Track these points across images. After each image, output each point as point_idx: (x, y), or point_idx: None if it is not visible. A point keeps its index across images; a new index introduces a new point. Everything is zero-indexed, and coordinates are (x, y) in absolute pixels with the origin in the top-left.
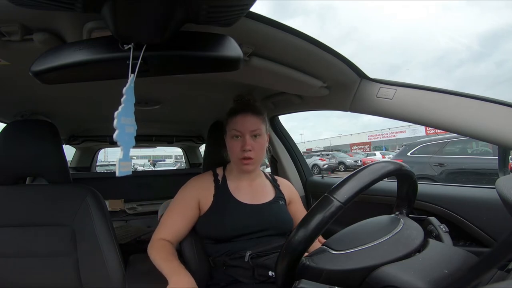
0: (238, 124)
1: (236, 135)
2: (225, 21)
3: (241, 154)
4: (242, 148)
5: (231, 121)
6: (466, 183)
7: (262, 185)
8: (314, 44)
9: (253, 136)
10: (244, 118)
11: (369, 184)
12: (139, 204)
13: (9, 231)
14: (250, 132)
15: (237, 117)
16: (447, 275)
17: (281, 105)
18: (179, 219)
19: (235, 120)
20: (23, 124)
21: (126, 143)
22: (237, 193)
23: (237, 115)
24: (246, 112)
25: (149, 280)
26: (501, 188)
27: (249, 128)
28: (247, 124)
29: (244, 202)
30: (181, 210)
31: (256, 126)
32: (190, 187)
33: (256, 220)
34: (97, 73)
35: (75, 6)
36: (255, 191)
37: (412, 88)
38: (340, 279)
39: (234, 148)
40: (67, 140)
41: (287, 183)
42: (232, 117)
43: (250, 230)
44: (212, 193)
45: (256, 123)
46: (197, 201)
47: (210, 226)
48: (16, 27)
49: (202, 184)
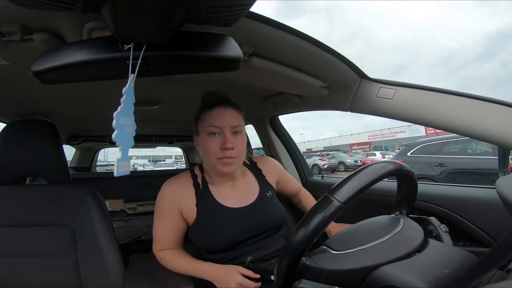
0: (216, 119)
1: (214, 131)
2: (225, 21)
3: (221, 153)
4: (222, 147)
5: (207, 116)
6: (466, 183)
7: (246, 183)
8: (314, 44)
9: (234, 133)
10: (224, 112)
11: (369, 184)
12: (139, 204)
13: (9, 231)
14: (231, 128)
15: (215, 111)
16: (447, 275)
17: (281, 105)
18: (169, 230)
19: (212, 115)
20: (23, 124)
21: (125, 143)
22: (221, 198)
23: (214, 109)
24: (225, 106)
25: (149, 280)
26: (501, 188)
27: (230, 123)
28: (228, 119)
29: (231, 206)
30: (167, 222)
31: (237, 121)
32: (169, 196)
33: (249, 224)
34: (97, 73)
35: (75, 6)
36: (240, 192)
37: (412, 88)
38: (340, 279)
39: (212, 146)
40: (67, 140)
41: (269, 162)
42: (207, 111)
43: (245, 236)
44: (194, 201)
45: (237, 118)
46: (179, 212)
47: (201, 239)
48: (16, 27)
49: (180, 191)
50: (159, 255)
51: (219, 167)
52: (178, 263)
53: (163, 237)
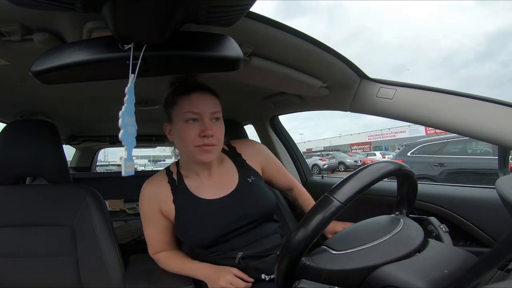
0: (196, 104)
1: (193, 118)
2: (225, 21)
3: (200, 140)
4: (202, 134)
5: (184, 101)
6: (466, 183)
7: (223, 172)
8: (314, 44)
9: (213, 120)
10: (203, 98)
11: (369, 184)
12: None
13: (9, 231)
14: (210, 115)
15: (193, 97)
16: (447, 275)
17: (281, 105)
18: (158, 232)
19: (191, 100)
20: (23, 124)
21: (129, 143)
22: (197, 190)
23: (191, 94)
24: (203, 91)
25: (149, 280)
26: (501, 188)
27: (210, 109)
28: (208, 105)
29: (208, 198)
30: (153, 224)
31: (216, 107)
32: (147, 197)
33: (229, 215)
34: (97, 73)
35: (75, 6)
36: (217, 182)
37: (412, 88)
38: (340, 279)
39: (190, 134)
40: (67, 140)
41: (251, 146)
42: (185, 96)
43: (228, 229)
44: (171, 198)
45: (216, 104)
46: (159, 211)
47: (183, 235)
48: (16, 27)
49: (156, 190)
50: (155, 258)
51: (198, 156)
52: (172, 264)
53: (153, 239)
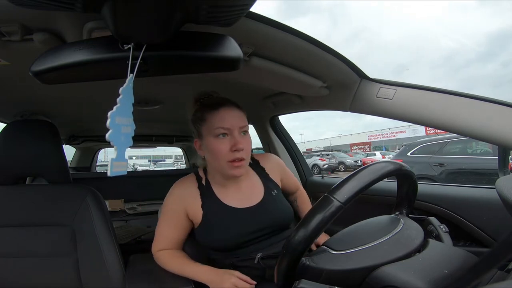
0: (225, 119)
1: (223, 132)
2: (225, 21)
3: (231, 155)
4: (233, 148)
5: (214, 117)
6: (466, 183)
7: (250, 183)
8: (314, 44)
9: (242, 133)
10: (231, 112)
11: (369, 184)
12: (139, 204)
13: (9, 231)
14: (239, 129)
15: (221, 112)
16: (447, 275)
17: (281, 105)
18: (172, 230)
19: (220, 115)
20: (23, 124)
21: (121, 143)
22: (226, 199)
23: (219, 109)
24: (230, 106)
25: (149, 280)
26: (501, 188)
27: (239, 123)
28: (236, 119)
29: (237, 207)
30: (172, 222)
31: (244, 121)
32: (176, 197)
33: (255, 224)
34: (97, 73)
35: (75, 6)
36: (245, 193)
37: (412, 88)
38: (340, 279)
39: (221, 149)
40: (67, 140)
41: (271, 159)
42: (213, 112)
43: (252, 236)
44: (199, 203)
45: (243, 118)
46: (185, 212)
47: (208, 239)
48: (16, 27)
49: (186, 192)
50: (157, 255)
51: (230, 171)
52: (173, 264)
53: (165, 236)
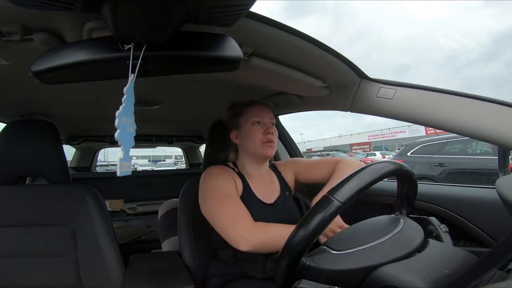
0: (259, 111)
1: (258, 121)
2: (225, 21)
3: (265, 137)
4: (265, 132)
5: (250, 110)
6: (466, 183)
7: (271, 180)
8: (314, 44)
9: (271, 124)
10: (262, 107)
11: (369, 184)
12: (139, 204)
13: (9, 231)
14: (269, 120)
15: (256, 107)
16: (447, 275)
17: (281, 105)
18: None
19: (255, 109)
20: (23, 124)
21: (126, 143)
22: (256, 192)
23: (254, 105)
24: (263, 104)
25: (149, 280)
26: (501, 188)
27: (269, 116)
28: (267, 113)
29: (263, 201)
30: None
31: (272, 116)
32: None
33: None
34: (97, 73)
35: (75, 6)
36: (267, 188)
37: (412, 88)
38: (340, 279)
39: (257, 133)
40: (67, 140)
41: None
42: (251, 107)
43: None
44: (241, 189)
45: (271, 113)
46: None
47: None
48: (16, 27)
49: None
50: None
51: (264, 150)
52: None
53: (243, 215)
